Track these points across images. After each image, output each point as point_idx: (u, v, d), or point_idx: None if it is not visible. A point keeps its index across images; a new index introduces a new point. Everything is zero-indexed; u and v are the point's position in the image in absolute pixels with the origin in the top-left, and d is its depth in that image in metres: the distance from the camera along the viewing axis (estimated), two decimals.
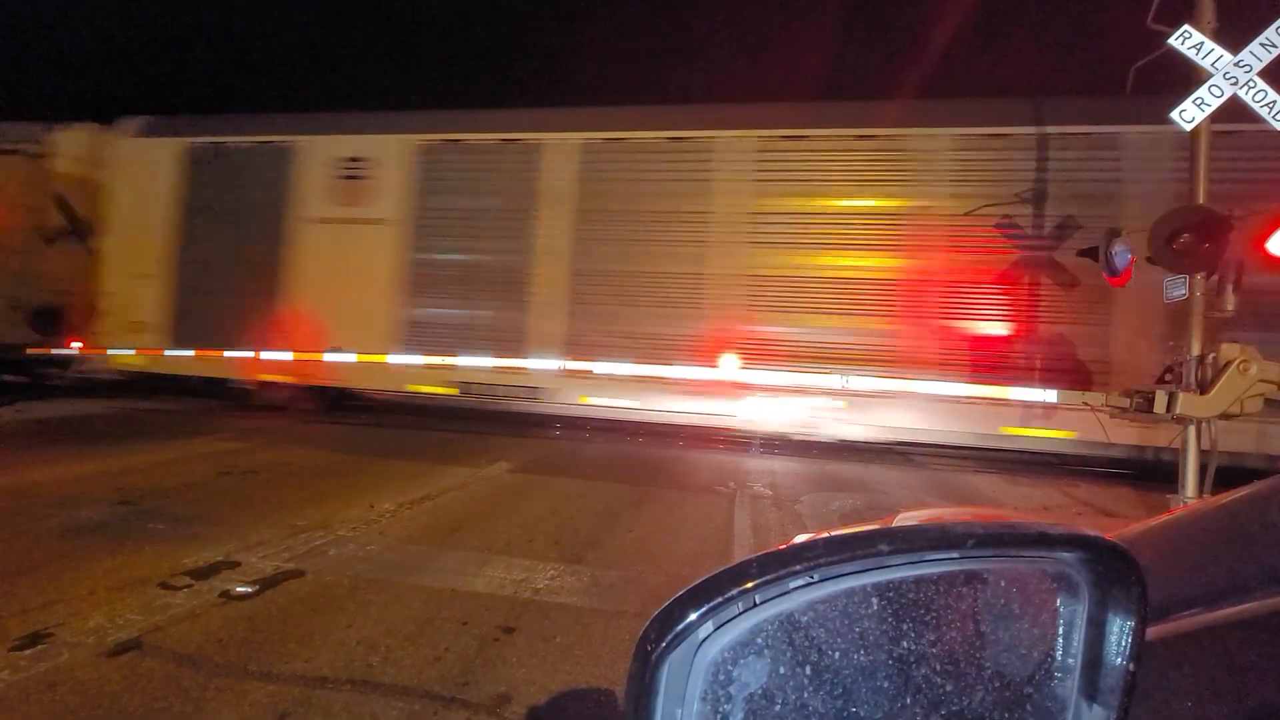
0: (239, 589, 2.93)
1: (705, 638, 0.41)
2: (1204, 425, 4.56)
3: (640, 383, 7.71)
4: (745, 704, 0.42)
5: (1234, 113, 4.51)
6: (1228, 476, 2.82)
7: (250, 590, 2.93)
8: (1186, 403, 4.53)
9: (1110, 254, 4.90)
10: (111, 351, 9.23)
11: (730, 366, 7.50)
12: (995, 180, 7.03)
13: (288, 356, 8.53)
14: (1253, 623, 0.54)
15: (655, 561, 3.69)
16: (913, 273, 7.19)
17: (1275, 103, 4.39)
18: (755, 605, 0.42)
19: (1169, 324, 5.66)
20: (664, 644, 0.40)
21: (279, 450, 6.32)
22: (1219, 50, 4.52)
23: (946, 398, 6.87)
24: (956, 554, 0.46)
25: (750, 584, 0.41)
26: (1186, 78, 4.69)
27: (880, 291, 7.26)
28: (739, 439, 8.32)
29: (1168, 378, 4.88)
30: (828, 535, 0.42)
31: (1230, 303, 4.54)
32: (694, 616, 0.40)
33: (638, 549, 3.89)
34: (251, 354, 8.58)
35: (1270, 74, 4.42)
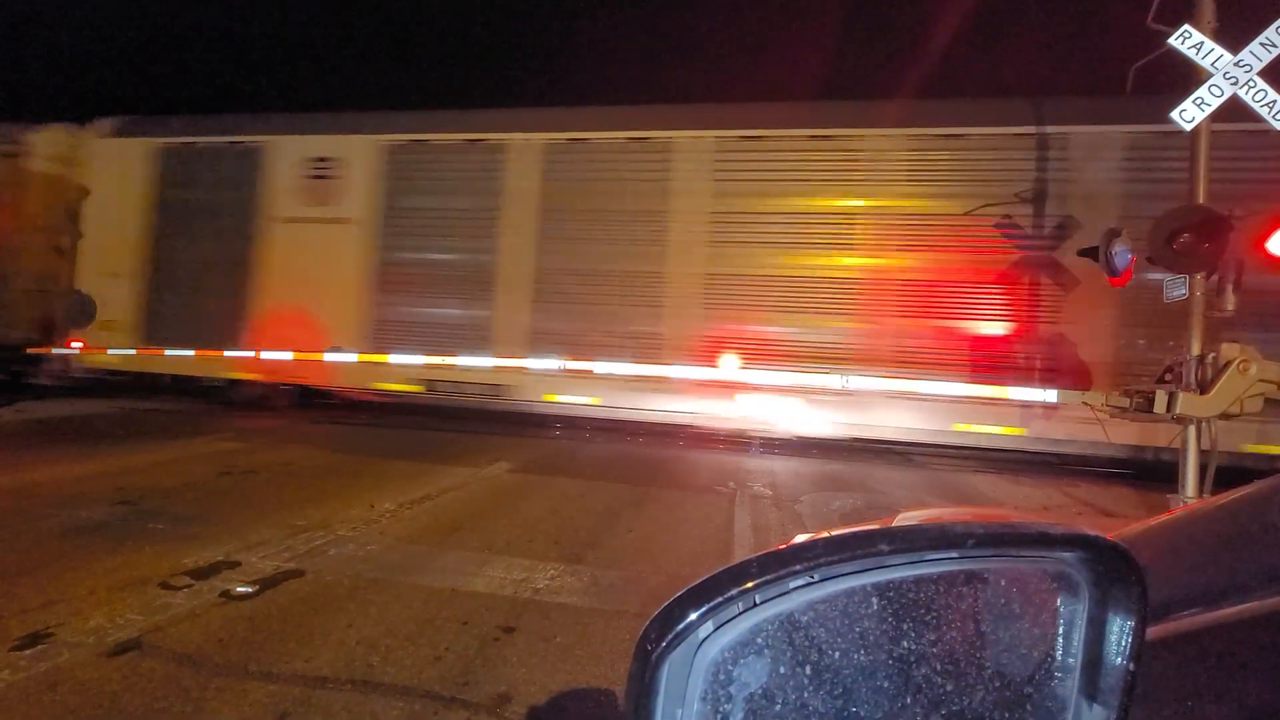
0: (239, 589, 2.93)
1: (705, 638, 0.41)
2: (1204, 425, 4.57)
3: (604, 380, 7.74)
4: (745, 704, 0.42)
5: (1234, 112, 4.51)
6: (1228, 476, 2.82)
7: (250, 590, 2.93)
8: (1186, 402, 4.53)
9: (1110, 254, 4.90)
10: (78, 348, 9.21)
11: (693, 364, 7.56)
12: (948, 181, 7.15)
13: (257, 354, 8.56)
14: (1253, 623, 0.54)
15: (655, 561, 3.69)
16: (871, 272, 7.27)
17: (1275, 103, 4.39)
18: (755, 605, 0.42)
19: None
20: (664, 644, 0.40)
21: (279, 450, 6.32)
22: (1219, 50, 4.52)
23: (898, 393, 6.95)
24: (956, 554, 0.46)
25: (750, 584, 0.41)
26: (1186, 77, 4.70)
27: (839, 290, 7.33)
28: (738, 439, 8.31)
29: (1168, 377, 4.88)
30: (828, 535, 0.42)
31: (1230, 303, 4.55)
32: (694, 616, 0.40)
33: (638, 549, 3.89)
34: (221, 352, 8.61)
35: (1270, 74, 4.42)
